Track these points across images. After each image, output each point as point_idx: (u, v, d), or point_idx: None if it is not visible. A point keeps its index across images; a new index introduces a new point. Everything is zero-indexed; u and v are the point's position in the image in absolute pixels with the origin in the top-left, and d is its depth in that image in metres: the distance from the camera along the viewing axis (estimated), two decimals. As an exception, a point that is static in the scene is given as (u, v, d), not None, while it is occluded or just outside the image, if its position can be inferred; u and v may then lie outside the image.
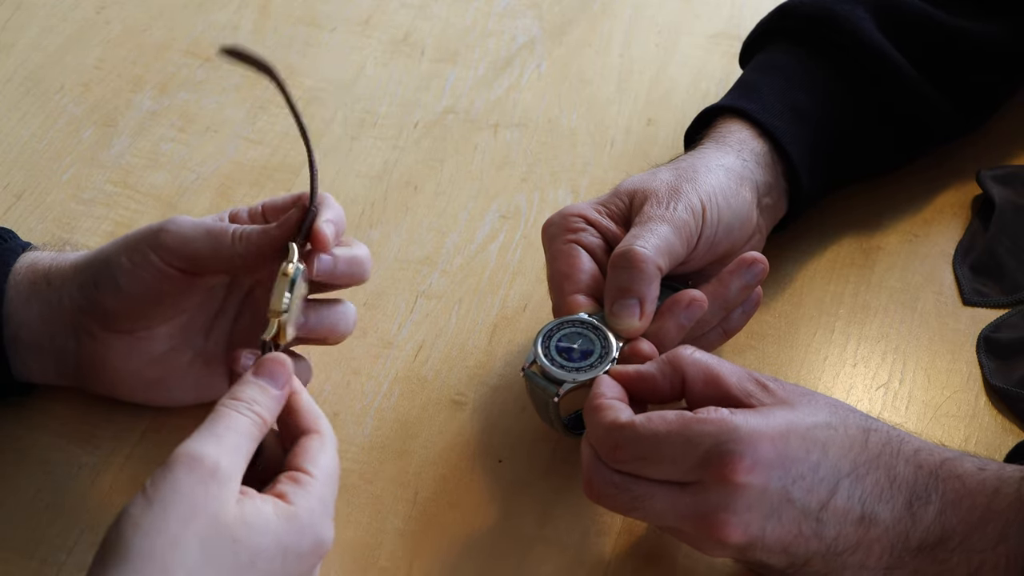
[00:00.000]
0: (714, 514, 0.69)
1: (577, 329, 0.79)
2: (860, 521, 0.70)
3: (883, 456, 0.71)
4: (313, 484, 0.69)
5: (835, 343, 0.90)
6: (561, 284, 0.81)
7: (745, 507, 0.69)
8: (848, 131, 0.92)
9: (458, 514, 0.80)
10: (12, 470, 0.82)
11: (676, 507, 0.70)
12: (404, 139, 1.04)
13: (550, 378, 0.78)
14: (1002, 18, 0.97)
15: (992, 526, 0.70)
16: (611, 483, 0.71)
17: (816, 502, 0.70)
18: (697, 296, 0.79)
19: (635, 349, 0.78)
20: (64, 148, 1.03)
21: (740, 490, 0.69)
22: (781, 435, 0.70)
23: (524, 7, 1.15)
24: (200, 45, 1.11)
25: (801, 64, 0.93)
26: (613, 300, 0.79)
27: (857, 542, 0.70)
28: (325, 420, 0.72)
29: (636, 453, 0.70)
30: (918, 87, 0.93)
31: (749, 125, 0.89)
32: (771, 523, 0.70)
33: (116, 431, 0.83)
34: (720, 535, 0.69)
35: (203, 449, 0.67)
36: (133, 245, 0.78)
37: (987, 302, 0.92)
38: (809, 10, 0.94)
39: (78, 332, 0.80)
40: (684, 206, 0.81)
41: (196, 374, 0.82)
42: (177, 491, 0.65)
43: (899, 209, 0.98)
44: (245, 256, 0.77)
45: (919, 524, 0.70)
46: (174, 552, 0.64)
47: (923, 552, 0.70)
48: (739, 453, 0.69)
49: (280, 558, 0.66)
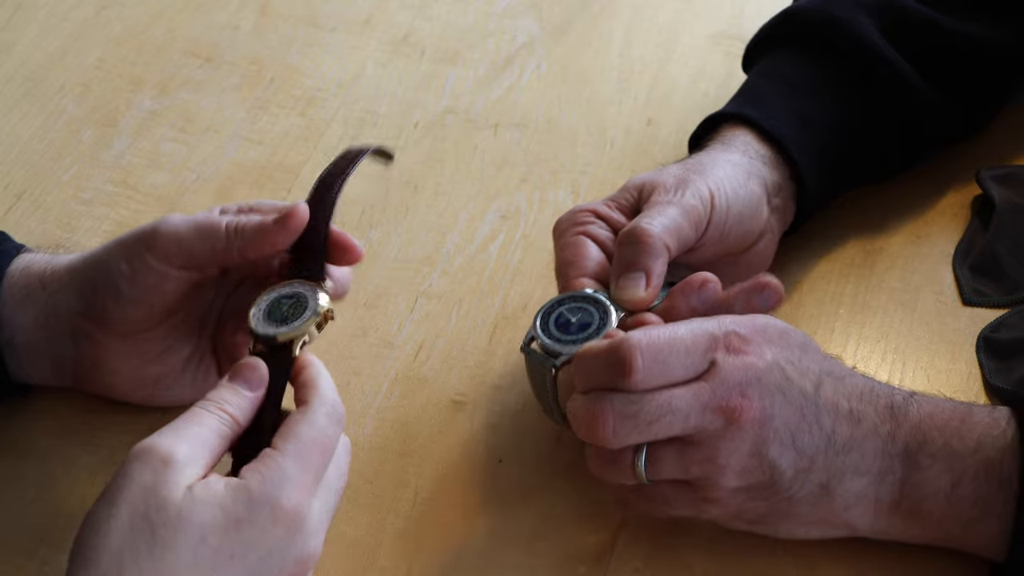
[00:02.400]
0: (732, 390, 0.71)
1: (577, 304, 0.79)
2: (849, 416, 0.73)
3: (856, 372, 0.76)
4: (272, 456, 0.68)
5: (835, 343, 0.90)
6: (567, 271, 0.81)
7: (755, 377, 0.72)
8: (853, 137, 0.92)
9: (458, 514, 0.80)
10: (12, 470, 0.82)
11: (697, 395, 0.71)
12: (404, 139, 1.04)
13: (548, 352, 0.78)
14: (1003, 21, 0.96)
15: (969, 435, 0.73)
16: (628, 402, 0.71)
17: (810, 385, 0.73)
18: (711, 278, 0.79)
19: (640, 321, 0.78)
20: (64, 148, 1.03)
21: (747, 358, 0.72)
22: (763, 325, 0.75)
23: (524, 7, 1.15)
24: (200, 45, 1.11)
25: (806, 70, 0.93)
26: (619, 274, 0.79)
27: (851, 438, 0.73)
28: (319, 389, 0.72)
29: (656, 355, 0.71)
30: (923, 92, 0.93)
31: (755, 132, 0.89)
32: (779, 398, 0.72)
33: (116, 431, 0.83)
34: (739, 409, 0.71)
35: (157, 441, 0.68)
36: (129, 249, 0.78)
37: (987, 302, 0.92)
38: (813, 16, 0.94)
39: (76, 336, 0.80)
40: (692, 192, 0.82)
41: (192, 371, 0.82)
42: (128, 482, 0.66)
43: (899, 209, 0.98)
44: (241, 250, 0.78)
45: (903, 426, 0.73)
46: (125, 539, 0.64)
47: (908, 457, 0.73)
48: (737, 329, 0.73)
49: (232, 530, 0.66)
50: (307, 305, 0.77)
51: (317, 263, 0.79)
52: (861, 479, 0.73)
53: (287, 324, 0.76)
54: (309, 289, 0.77)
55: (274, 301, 0.77)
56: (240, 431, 0.71)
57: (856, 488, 0.73)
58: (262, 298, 0.77)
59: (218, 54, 1.10)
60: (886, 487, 0.73)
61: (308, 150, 1.03)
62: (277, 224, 0.77)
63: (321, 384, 0.73)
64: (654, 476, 0.73)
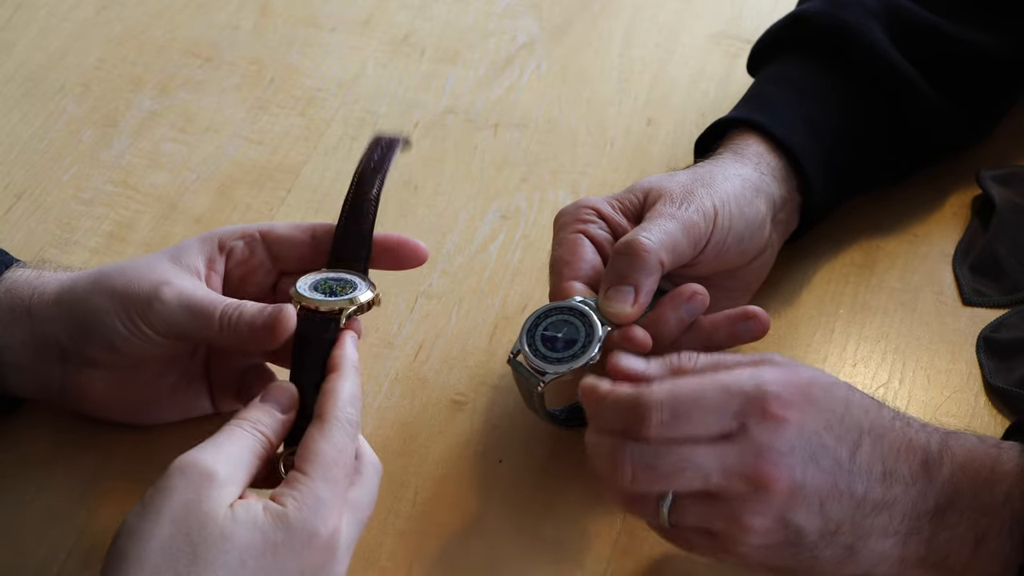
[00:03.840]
0: (760, 456, 0.69)
1: (564, 316, 0.79)
2: (883, 478, 0.71)
3: (896, 422, 0.73)
4: (304, 482, 0.69)
5: (835, 343, 0.90)
6: (561, 270, 0.81)
7: (788, 447, 0.69)
8: (858, 144, 0.92)
9: (458, 514, 0.80)
10: (12, 470, 0.82)
11: (721, 458, 0.69)
12: (404, 139, 1.04)
13: (534, 369, 0.78)
14: (1006, 26, 0.96)
15: (998, 486, 0.71)
16: (648, 452, 0.70)
17: (846, 452, 0.70)
18: (699, 289, 0.79)
19: (627, 335, 0.78)
20: (64, 148, 1.03)
21: (783, 426, 0.69)
22: (807, 383, 0.71)
23: (524, 7, 1.15)
24: (200, 45, 1.11)
25: (814, 76, 0.93)
26: (609, 285, 0.79)
27: (882, 501, 0.71)
28: (335, 400, 0.72)
29: (675, 412, 0.69)
30: (931, 99, 0.93)
31: (764, 139, 0.89)
32: (811, 468, 0.69)
33: (116, 431, 0.83)
34: (768, 479, 0.68)
35: (199, 456, 0.68)
36: (123, 309, 0.76)
37: (987, 302, 0.92)
38: (822, 21, 0.93)
39: (64, 363, 0.79)
40: (696, 207, 0.81)
41: (180, 394, 0.82)
42: (170, 495, 0.66)
43: (899, 209, 0.98)
44: (232, 344, 0.77)
45: (935, 483, 0.71)
46: (166, 554, 0.64)
47: (937, 515, 0.71)
48: (776, 393, 0.70)
49: (270, 554, 0.66)
50: (355, 287, 0.77)
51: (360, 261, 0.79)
52: (888, 540, 0.71)
53: (333, 295, 0.77)
54: (356, 276, 0.78)
55: (320, 280, 0.78)
56: (273, 451, 0.72)
57: (882, 549, 0.71)
58: (306, 277, 0.78)
59: (218, 54, 1.10)
60: (912, 546, 0.71)
61: (308, 150, 1.03)
62: (265, 331, 0.75)
63: (340, 393, 0.73)
64: (677, 523, 0.72)
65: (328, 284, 0.78)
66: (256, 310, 0.76)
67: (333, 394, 0.72)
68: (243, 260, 0.81)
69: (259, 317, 0.75)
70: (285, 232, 0.81)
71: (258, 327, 0.75)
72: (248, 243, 0.81)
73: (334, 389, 0.73)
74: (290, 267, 0.81)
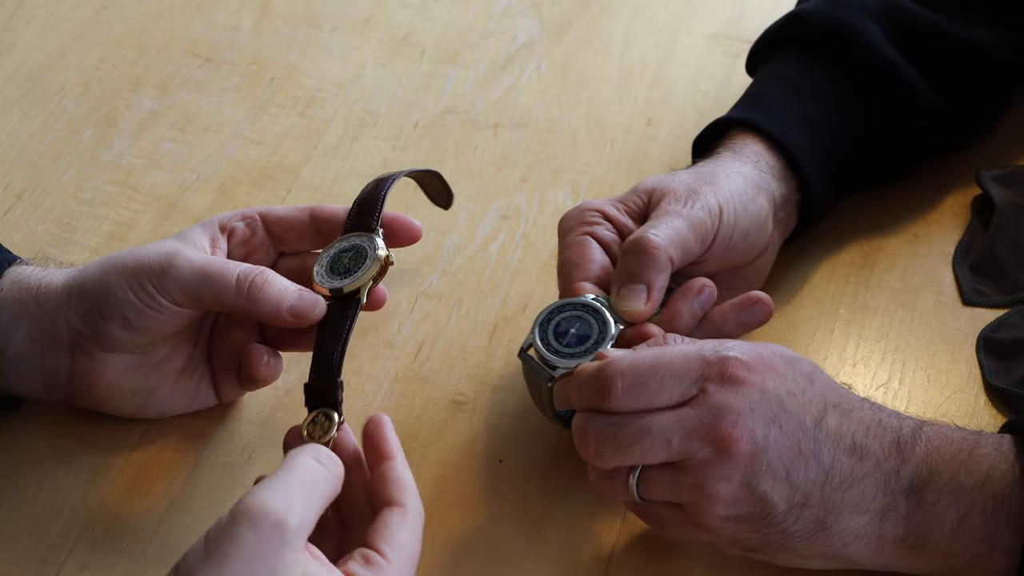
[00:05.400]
0: (721, 419, 0.69)
1: (577, 312, 0.79)
2: (852, 450, 0.71)
3: (865, 403, 0.73)
4: (385, 568, 0.67)
5: (835, 343, 0.90)
6: (570, 272, 0.81)
7: (747, 408, 0.70)
8: (856, 143, 0.92)
9: (458, 514, 0.80)
10: (12, 470, 0.82)
11: (681, 421, 0.70)
12: (404, 139, 1.04)
13: (545, 363, 0.78)
14: (1005, 24, 0.96)
15: (976, 467, 0.71)
16: (610, 424, 0.71)
17: (810, 419, 0.71)
18: (707, 282, 0.80)
19: (642, 332, 0.78)
20: (64, 148, 1.03)
21: (742, 388, 0.70)
22: (770, 354, 0.72)
23: (524, 7, 1.15)
24: (200, 45, 1.11)
25: (812, 75, 0.93)
26: (621, 284, 0.79)
27: (851, 473, 0.71)
28: (413, 492, 0.71)
29: (636, 379, 0.70)
30: (930, 99, 0.93)
31: (762, 138, 0.89)
32: (773, 430, 0.70)
33: (116, 431, 0.83)
34: (728, 439, 0.69)
35: (270, 503, 0.64)
36: (136, 280, 0.77)
37: (987, 302, 0.92)
38: (820, 20, 0.93)
39: (73, 352, 0.79)
40: (701, 205, 0.82)
41: (186, 382, 0.82)
42: (237, 547, 0.63)
43: (899, 209, 0.98)
44: (247, 310, 0.78)
45: (908, 462, 0.71)
46: None
47: (913, 493, 0.71)
48: (736, 356, 0.71)
49: None
50: (367, 255, 0.81)
51: (373, 216, 0.83)
52: (861, 516, 0.71)
53: (350, 276, 0.80)
54: (366, 239, 0.82)
55: (335, 256, 0.81)
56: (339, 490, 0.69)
57: (856, 526, 0.71)
58: (322, 255, 0.81)
59: (218, 54, 1.10)
60: (889, 523, 0.71)
61: (308, 150, 1.03)
62: (292, 315, 0.78)
63: (410, 483, 0.71)
64: (646, 496, 0.73)
65: (341, 259, 0.81)
66: (282, 287, 0.78)
67: (404, 484, 0.71)
68: (244, 239, 0.84)
69: (288, 297, 0.78)
70: (284, 213, 0.84)
71: (284, 310, 0.78)
72: (248, 224, 0.84)
73: (402, 479, 0.71)
74: (290, 247, 0.85)
